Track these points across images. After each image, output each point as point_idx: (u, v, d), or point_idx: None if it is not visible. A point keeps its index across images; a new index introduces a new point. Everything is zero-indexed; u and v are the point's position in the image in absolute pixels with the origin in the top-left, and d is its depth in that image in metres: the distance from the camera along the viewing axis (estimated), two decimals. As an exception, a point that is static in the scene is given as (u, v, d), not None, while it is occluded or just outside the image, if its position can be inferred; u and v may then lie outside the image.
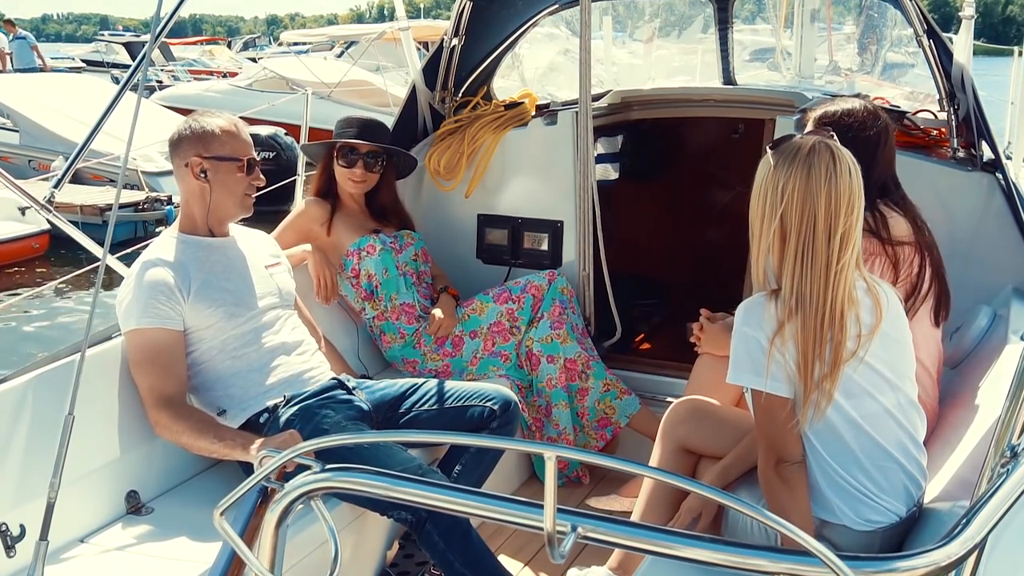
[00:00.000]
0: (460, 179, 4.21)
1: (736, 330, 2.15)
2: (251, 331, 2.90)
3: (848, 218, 2.05)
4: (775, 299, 2.10)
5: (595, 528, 1.26)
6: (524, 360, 3.72)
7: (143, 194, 10.84)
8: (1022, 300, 3.20)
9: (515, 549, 3.31)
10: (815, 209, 2.04)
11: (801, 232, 2.05)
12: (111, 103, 3.04)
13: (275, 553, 1.43)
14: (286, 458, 1.37)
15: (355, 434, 2.68)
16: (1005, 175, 3.40)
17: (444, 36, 4.13)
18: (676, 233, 5.39)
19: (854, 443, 2.12)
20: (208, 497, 2.84)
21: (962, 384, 2.80)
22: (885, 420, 2.14)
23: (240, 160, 2.88)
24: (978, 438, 2.31)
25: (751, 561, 1.23)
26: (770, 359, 2.06)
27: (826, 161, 2.06)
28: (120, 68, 28.03)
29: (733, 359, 2.15)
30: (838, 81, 6.32)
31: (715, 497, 1.23)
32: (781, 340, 2.05)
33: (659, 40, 6.85)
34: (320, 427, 2.76)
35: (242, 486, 1.42)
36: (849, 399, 2.09)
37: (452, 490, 1.39)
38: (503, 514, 1.31)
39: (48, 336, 8.35)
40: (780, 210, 2.07)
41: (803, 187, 2.05)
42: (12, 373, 2.67)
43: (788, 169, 2.08)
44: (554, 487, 1.23)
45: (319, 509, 1.41)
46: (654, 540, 1.28)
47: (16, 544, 2.40)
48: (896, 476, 2.15)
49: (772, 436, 2.13)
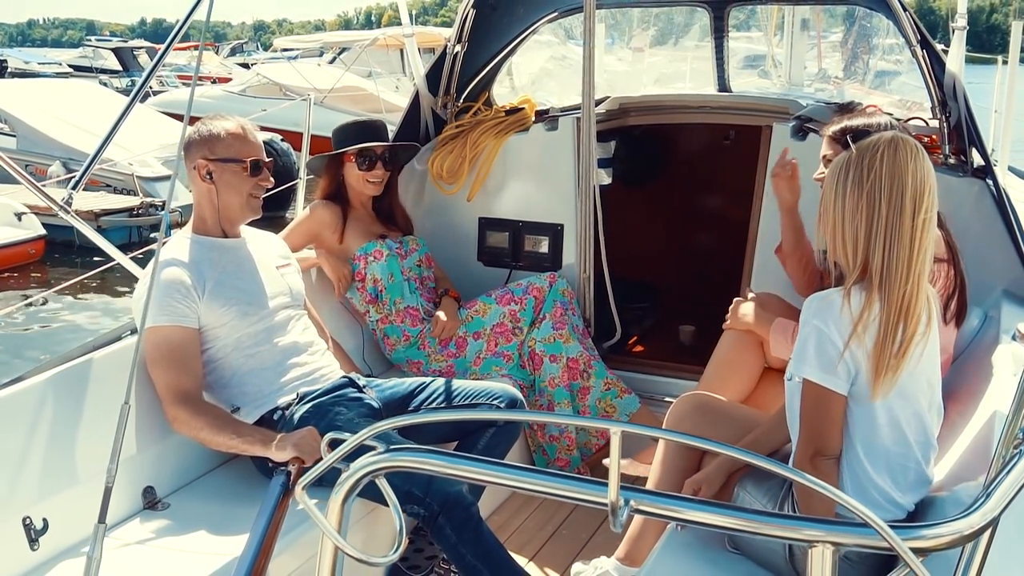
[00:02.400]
0: (462, 183, 4.28)
1: (805, 322, 2.15)
2: (264, 330, 2.97)
3: (931, 204, 2.07)
4: (849, 294, 2.10)
5: (648, 501, 1.36)
6: (527, 360, 3.79)
7: (138, 199, 10.88)
8: (1012, 302, 3.30)
9: (520, 544, 3.38)
10: (903, 183, 2.05)
11: (891, 204, 2.06)
12: (124, 110, 3.08)
13: (340, 528, 1.51)
14: (358, 440, 1.45)
15: (429, 414, 2.87)
16: (995, 181, 3.49)
17: (447, 43, 4.21)
18: (667, 237, 5.48)
19: (889, 441, 2.15)
20: (223, 492, 2.90)
21: (957, 382, 2.88)
22: (917, 421, 2.18)
23: (243, 161, 2.94)
24: (975, 432, 2.39)
25: (804, 532, 1.32)
26: (842, 356, 2.07)
27: (911, 145, 2.09)
28: (108, 73, 28.04)
29: (799, 350, 2.16)
30: (828, 88, 6.43)
31: (795, 477, 1.32)
32: (856, 335, 2.07)
33: (651, 48, 6.94)
34: (333, 424, 2.82)
35: (320, 464, 1.49)
36: (898, 399, 2.12)
37: (517, 469, 1.47)
38: (568, 491, 1.40)
39: (61, 337, 8.38)
40: (867, 187, 2.07)
41: (891, 161, 2.06)
42: (27, 373, 2.72)
43: (873, 150, 2.09)
44: (618, 463, 1.30)
45: (383, 486, 1.50)
46: (699, 511, 1.38)
47: (40, 537, 2.45)
48: (913, 472, 2.20)
49: (817, 428, 2.14)
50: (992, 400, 2.46)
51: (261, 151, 3.02)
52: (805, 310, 2.18)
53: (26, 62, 36.21)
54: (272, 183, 3.04)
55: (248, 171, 2.95)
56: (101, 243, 3.16)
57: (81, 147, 11.92)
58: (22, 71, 31.00)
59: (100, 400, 2.74)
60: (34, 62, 37.02)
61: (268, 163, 3.03)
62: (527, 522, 3.55)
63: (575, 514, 3.58)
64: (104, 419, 2.70)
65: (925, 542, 1.30)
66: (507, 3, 4.20)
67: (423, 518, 2.69)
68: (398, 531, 1.50)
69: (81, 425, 2.69)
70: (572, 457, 3.78)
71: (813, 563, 1.31)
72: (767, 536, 1.35)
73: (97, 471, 2.63)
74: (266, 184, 3.01)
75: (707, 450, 2.71)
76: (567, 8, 4.52)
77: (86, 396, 2.74)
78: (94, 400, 2.74)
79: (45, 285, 9.74)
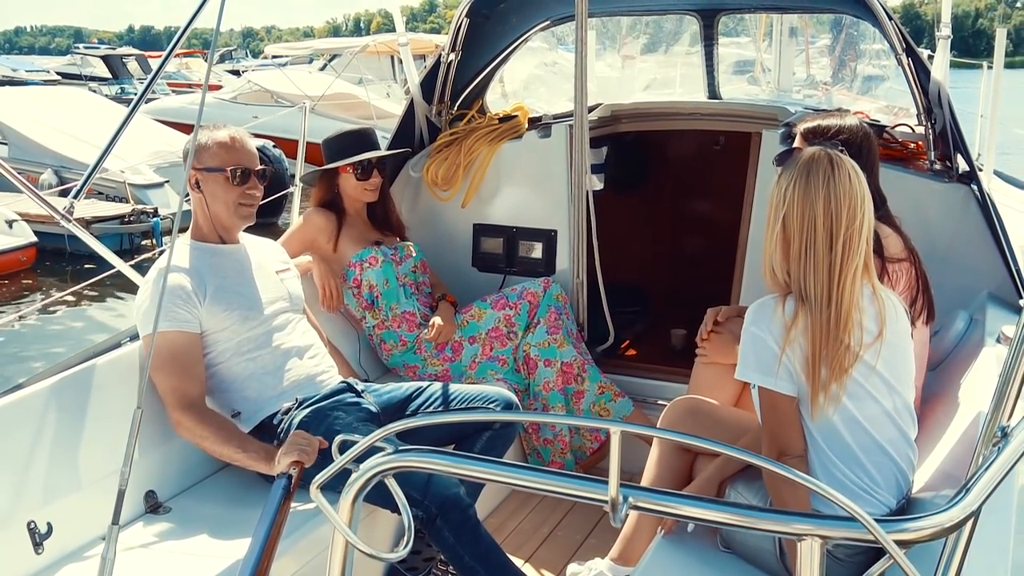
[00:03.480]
0: (457, 189, 4.33)
1: (745, 329, 2.25)
2: (264, 334, 3.01)
3: (851, 224, 2.15)
4: (783, 301, 2.20)
5: (645, 498, 1.41)
6: (521, 364, 3.84)
7: (129, 206, 10.88)
8: (997, 305, 3.36)
9: (516, 546, 3.43)
10: (814, 212, 2.15)
11: (803, 235, 2.16)
12: (125, 119, 3.11)
13: (350, 525, 1.56)
14: (369, 442, 1.50)
15: (432, 416, 2.91)
16: (980, 186, 3.56)
17: (441, 51, 4.26)
18: (658, 242, 5.54)
19: (854, 441, 2.22)
20: (224, 496, 2.93)
21: (942, 384, 2.93)
22: (884, 421, 2.24)
23: (225, 170, 2.97)
24: (959, 433, 2.44)
25: (792, 526, 1.37)
26: (780, 360, 2.16)
27: (823, 167, 2.17)
28: (98, 81, 27.97)
29: (742, 356, 2.26)
30: (816, 95, 6.49)
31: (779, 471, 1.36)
32: (789, 341, 2.16)
33: (640, 55, 6.99)
34: (332, 428, 2.85)
35: (333, 465, 1.54)
36: (852, 400, 2.20)
37: (519, 468, 1.52)
38: (569, 488, 1.45)
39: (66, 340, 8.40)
40: (782, 213, 2.18)
41: (802, 191, 2.16)
42: (30, 379, 2.74)
43: (789, 175, 2.20)
44: (618, 461, 1.36)
45: (392, 486, 1.55)
46: (694, 507, 1.44)
47: (44, 541, 2.48)
48: (889, 471, 2.26)
49: (775, 431, 2.24)
50: (976, 401, 2.51)
51: (250, 159, 3.03)
52: (746, 317, 2.27)
53: (13, 70, 36.05)
54: (260, 191, 3.06)
55: (232, 180, 2.97)
56: (102, 251, 3.19)
57: (73, 155, 11.92)
58: (9, 79, 30.86)
59: (103, 406, 2.78)
60: (21, 70, 36.88)
61: (258, 171, 3.04)
62: (524, 524, 3.60)
63: (570, 516, 3.63)
64: (108, 424, 2.74)
65: (908, 534, 1.36)
66: (500, 12, 4.25)
67: (421, 520, 2.72)
68: (407, 527, 1.55)
69: (85, 430, 2.72)
70: (566, 460, 3.83)
71: (803, 555, 1.37)
72: (759, 531, 1.41)
73: (101, 475, 2.67)
74: (255, 192, 3.03)
75: (701, 451, 2.77)
76: (559, 17, 4.57)
77: (89, 402, 2.77)
78: (97, 406, 2.77)
79: (36, 292, 9.75)
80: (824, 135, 2.76)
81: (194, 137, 2.58)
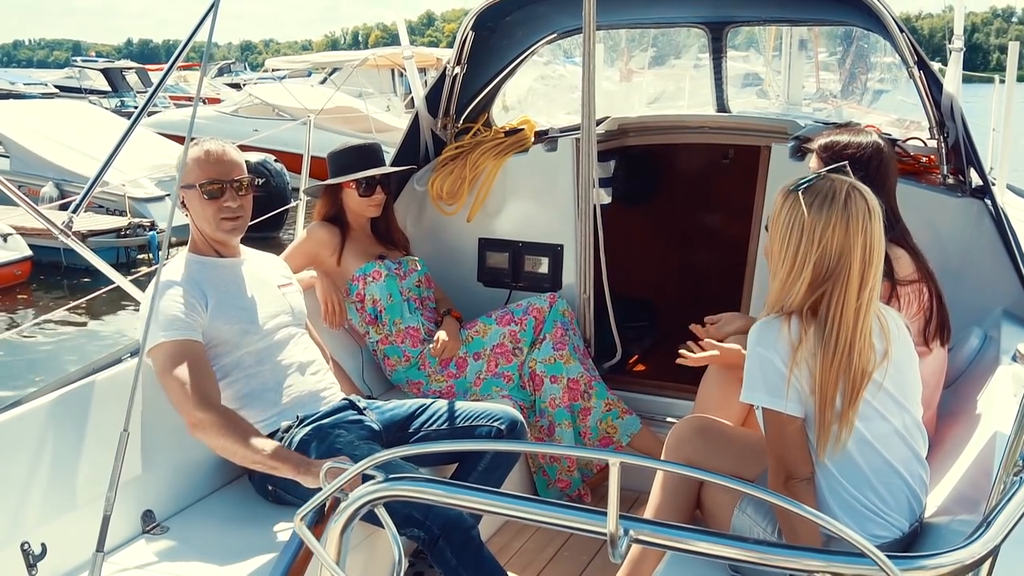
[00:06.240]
0: (462, 204, 4.28)
1: (750, 350, 2.20)
2: (265, 349, 2.95)
3: (878, 267, 2.12)
4: (790, 321, 2.15)
5: (647, 531, 1.34)
6: (527, 381, 3.78)
7: (125, 220, 10.85)
8: (1012, 322, 3.30)
9: (520, 567, 3.36)
10: (850, 260, 2.09)
11: (839, 280, 2.10)
12: (125, 133, 3.06)
13: (339, 556, 1.48)
14: (357, 471, 1.43)
15: (427, 445, 2.81)
16: (993, 201, 3.51)
17: (446, 64, 4.21)
18: (667, 256, 5.49)
19: (864, 462, 2.17)
20: (222, 515, 2.87)
21: (957, 403, 2.88)
22: (894, 440, 2.20)
23: (195, 187, 2.89)
24: (975, 454, 2.39)
25: (804, 562, 1.30)
26: (789, 382, 2.11)
27: (863, 211, 2.10)
28: (97, 94, 27.97)
29: (747, 378, 2.20)
30: (826, 108, 6.45)
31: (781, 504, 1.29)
32: (796, 362, 2.11)
33: (649, 68, 6.97)
34: (334, 446, 2.79)
35: (318, 495, 1.48)
36: (862, 420, 2.15)
37: (515, 499, 1.45)
38: (567, 520, 1.37)
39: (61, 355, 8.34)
40: (815, 257, 2.11)
41: (843, 237, 2.10)
42: (27, 396, 2.69)
43: (825, 216, 2.11)
44: (617, 493, 1.29)
45: (382, 515, 1.48)
46: (699, 540, 1.35)
47: (38, 563, 2.41)
48: (901, 492, 2.21)
49: (782, 454, 2.18)
50: (992, 421, 2.45)
51: (225, 171, 2.91)
52: (749, 337, 2.22)
53: (11, 83, 36.12)
54: (243, 202, 2.94)
55: (203, 195, 2.89)
56: (101, 266, 3.14)
57: (74, 168, 11.89)
58: (8, 92, 30.88)
59: (101, 424, 2.71)
60: (20, 83, 36.95)
61: (234, 182, 2.91)
62: (527, 544, 3.53)
63: (575, 537, 3.55)
64: (105, 443, 2.67)
65: (926, 572, 1.29)
66: (506, 25, 4.20)
67: (423, 541, 2.67)
68: (397, 560, 1.48)
69: (82, 449, 2.66)
70: (573, 478, 3.76)
71: None
72: (769, 567, 1.34)
73: (97, 495, 2.60)
74: (231, 204, 2.91)
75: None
76: (566, 30, 4.53)
77: (87, 420, 2.71)
78: (95, 424, 2.71)
79: (31, 306, 9.70)
80: (835, 152, 2.71)
81: (184, 153, 2.49)
